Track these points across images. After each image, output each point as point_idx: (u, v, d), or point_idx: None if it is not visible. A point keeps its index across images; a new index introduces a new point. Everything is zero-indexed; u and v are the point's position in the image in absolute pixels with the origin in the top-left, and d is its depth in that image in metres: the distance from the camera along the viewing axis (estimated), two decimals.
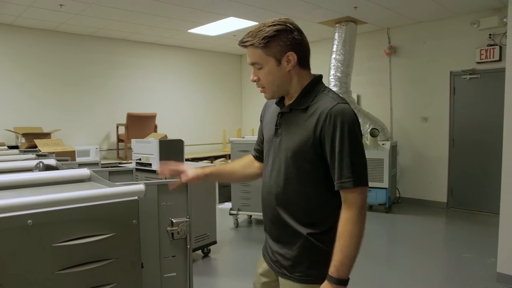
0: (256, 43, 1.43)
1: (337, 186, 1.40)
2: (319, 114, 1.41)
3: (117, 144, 7.44)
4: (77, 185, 1.72)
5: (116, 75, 7.68)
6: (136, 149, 4.02)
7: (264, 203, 1.63)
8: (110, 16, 6.20)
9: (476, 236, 5.15)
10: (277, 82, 1.49)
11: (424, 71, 6.71)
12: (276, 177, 1.53)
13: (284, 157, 1.50)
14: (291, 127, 1.50)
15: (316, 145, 1.41)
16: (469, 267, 4.05)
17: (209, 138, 9.40)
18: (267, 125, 1.66)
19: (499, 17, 5.86)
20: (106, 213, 1.33)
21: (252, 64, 1.49)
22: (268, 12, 6.06)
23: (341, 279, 1.35)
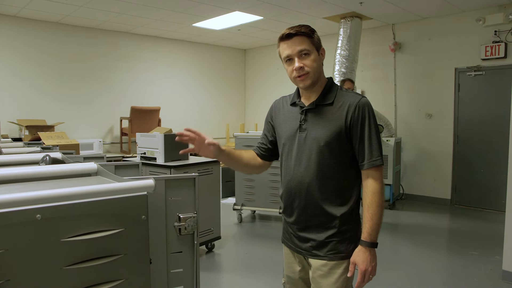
0: (305, 32, 1.64)
1: (369, 164, 1.63)
2: (348, 106, 1.65)
3: (121, 137, 7.43)
4: (84, 179, 1.70)
5: (120, 68, 7.67)
6: (141, 143, 4.01)
7: (292, 194, 1.74)
8: (115, 9, 6.17)
9: (481, 233, 5.14)
10: (318, 69, 1.69)
11: (429, 67, 6.67)
12: (307, 166, 1.69)
13: (315, 147, 1.67)
14: (319, 120, 1.69)
15: (347, 132, 1.65)
16: (474, 265, 4.04)
17: (212, 132, 9.38)
18: (283, 125, 1.80)
19: (505, 13, 5.81)
20: (115, 208, 1.32)
21: (300, 51, 1.63)
22: (273, 6, 6.03)
23: (373, 242, 1.61)
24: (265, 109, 8.07)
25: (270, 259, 4.12)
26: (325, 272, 1.70)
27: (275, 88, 9.18)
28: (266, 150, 1.92)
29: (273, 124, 1.87)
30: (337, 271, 1.68)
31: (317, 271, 1.72)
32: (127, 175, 2.31)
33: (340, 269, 1.68)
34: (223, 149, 1.82)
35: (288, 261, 1.88)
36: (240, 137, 5.53)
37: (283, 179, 1.81)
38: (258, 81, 9.75)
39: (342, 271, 1.68)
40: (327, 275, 1.69)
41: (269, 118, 1.91)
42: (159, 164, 3.87)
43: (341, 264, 1.68)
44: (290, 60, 1.67)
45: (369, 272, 1.61)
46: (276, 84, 9.18)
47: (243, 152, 1.96)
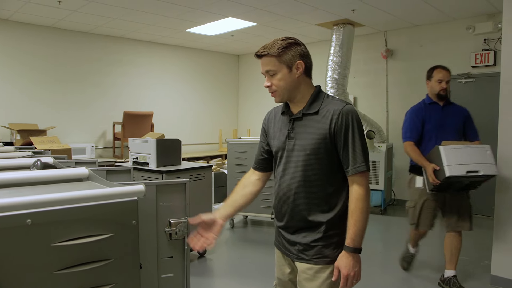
0: (271, 53, 1.69)
1: (353, 171, 1.67)
2: (332, 114, 1.69)
3: (113, 142, 7.42)
4: (75, 185, 1.71)
5: (113, 73, 7.67)
6: (133, 148, 4.01)
7: (281, 200, 1.80)
8: (108, 14, 6.18)
9: (470, 238, 5.16)
10: (288, 86, 1.73)
11: (420, 74, 6.68)
12: (294, 173, 1.74)
13: (302, 155, 1.72)
14: (305, 128, 1.74)
15: (331, 139, 1.69)
16: (463, 270, 4.07)
17: (205, 138, 9.40)
18: (275, 134, 1.86)
19: (494, 22, 5.91)
20: (105, 213, 1.33)
21: (267, 71, 1.73)
22: (266, 13, 6.07)
23: (356, 248, 1.65)
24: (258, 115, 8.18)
25: (262, 264, 4.12)
26: (310, 275, 1.73)
27: (268, 94, 9.13)
28: (262, 161, 1.96)
29: (267, 135, 1.93)
30: (322, 275, 1.72)
31: (302, 274, 1.76)
32: (119, 180, 2.32)
33: (325, 273, 1.71)
34: (226, 214, 1.87)
35: (279, 263, 1.93)
36: (232, 143, 5.53)
37: (274, 186, 1.86)
38: (251, 87, 9.78)
39: (327, 276, 1.71)
40: (312, 279, 1.73)
41: (263, 129, 1.98)
42: (151, 169, 3.87)
43: (326, 269, 1.71)
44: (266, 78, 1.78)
45: (351, 277, 1.65)
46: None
47: (234, 195, 1.96)
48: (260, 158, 1.97)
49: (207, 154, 8.74)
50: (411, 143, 3.47)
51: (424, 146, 3.47)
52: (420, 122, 3.50)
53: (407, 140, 3.51)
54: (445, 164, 3.11)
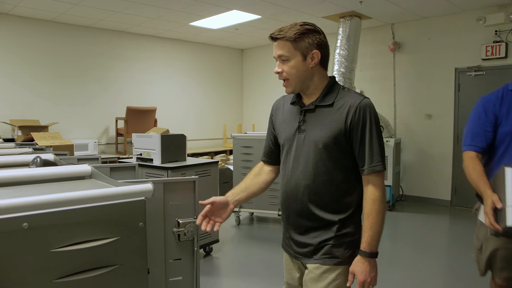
0: (287, 37, 1.56)
1: (369, 170, 1.56)
2: (348, 107, 1.57)
3: (116, 138, 7.31)
4: (77, 183, 1.60)
5: (115, 67, 7.55)
6: (137, 143, 3.90)
7: (288, 197, 1.68)
8: (110, 7, 6.05)
9: None
10: (300, 75, 1.60)
11: (429, 67, 6.61)
12: (304, 169, 1.62)
13: (313, 149, 1.60)
14: (317, 121, 1.61)
15: (346, 135, 1.57)
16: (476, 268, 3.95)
17: (209, 133, 9.28)
18: (283, 125, 1.74)
19: (506, 13, 5.75)
20: (110, 215, 1.22)
21: (279, 56, 1.59)
22: (272, 5, 5.94)
23: (373, 252, 1.54)
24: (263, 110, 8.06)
25: (269, 263, 4.02)
26: (316, 275, 1.62)
27: (273, 88, 9.07)
28: (271, 154, 1.85)
29: (274, 125, 1.81)
30: (329, 276, 1.60)
31: (309, 274, 1.65)
32: (123, 177, 2.21)
33: (332, 274, 1.60)
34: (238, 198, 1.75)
35: (288, 267, 1.80)
36: (238, 138, 5.42)
37: (281, 181, 1.74)
38: (255, 81, 9.65)
39: (334, 277, 1.60)
40: (318, 279, 1.61)
41: (271, 120, 1.85)
42: (155, 165, 3.76)
43: (335, 270, 1.60)
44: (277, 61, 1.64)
45: (368, 283, 1.55)
46: (274, 84, 9.07)
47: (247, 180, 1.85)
48: (268, 150, 1.86)
49: (211, 149, 8.63)
50: (473, 155, 2.20)
51: (495, 163, 2.20)
52: (491, 121, 2.22)
53: (466, 149, 2.23)
54: (509, 204, 1.85)
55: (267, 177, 1.84)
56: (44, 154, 2.16)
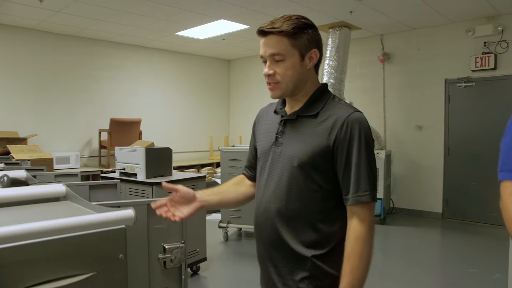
0: (284, 31, 1.28)
1: (352, 200, 1.27)
2: (334, 121, 1.30)
3: (99, 151, 7.06)
4: (49, 207, 1.41)
5: (99, 78, 7.32)
6: (120, 157, 3.70)
7: (259, 223, 1.42)
8: (94, 15, 5.86)
9: (476, 248, 4.96)
10: (295, 79, 1.34)
11: (419, 78, 6.56)
12: (276, 189, 1.36)
13: (287, 167, 1.34)
14: (297, 134, 1.36)
15: (328, 153, 1.30)
16: (475, 284, 3.83)
17: (195, 145, 9.09)
18: (262, 136, 1.50)
19: (494, 25, 5.75)
20: (85, 247, 1.04)
21: (272, 55, 1.31)
22: (261, 14, 5.82)
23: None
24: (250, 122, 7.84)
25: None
26: None
27: (260, 100, 8.94)
28: (252, 168, 1.59)
29: (255, 136, 1.57)
30: None
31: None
32: (104, 196, 2.02)
33: None
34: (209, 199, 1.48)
35: None
36: (226, 151, 5.25)
37: (254, 202, 1.49)
38: (242, 92, 9.52)
39: None
40: None
41: (253, 129, 1.61)
42: (140, 180, 3.56)
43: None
44: (265, 63, 1.35)
45: None
46: (261, 96, 8.95)
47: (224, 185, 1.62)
48: (249, 164, 1.61)
49: (197, 162, 8.43)
50: None
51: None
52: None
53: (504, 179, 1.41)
54: None
55: (247, 190, 1.59)
56: (15, 171, 1.97)
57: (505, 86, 5.77)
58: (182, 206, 1.40)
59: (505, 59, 5.74)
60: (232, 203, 1.59)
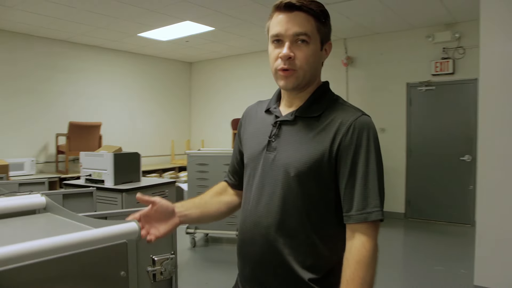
0: (314, 10, 1.14)
1: (357, 218, 1.10)
2: (338, 125, 1.14)
3: (56, 156, 6.70)
4: (31, 219, 1.27)
5: (55, 80, 6.95)
6: (86, 163, 3.51)
7: (245, 240, 1.25)
8: (51, 13, 5.53)
9: (439, 246, 5.12)
10: (313, 69, 1.18)
11: (381, 82, 6.71)
12: (269, 203, 1.18)
13: (282, 177, 1.16)
14: (294, 139, 1.18)
15: (331, 162, 1.13)
16: (442, 280, 3.94)
17: (156, 150, 8.85)
18: (251, 139, 1.31)
19: (452, 32, 5.99)
20: (85, 265, 0.93)
21: (297, 34, 1.13)
22: (227, 17, 5.76)
23: None
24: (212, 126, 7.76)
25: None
26: None
27: (222, 103, 8.88)
28: (235, 175, 1.42)
29: (241, 138, 1.38)
30: None
31: None
32: (80, 206, 1.88)
33: None
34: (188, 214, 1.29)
35: None
36: (192, 155, 5.12)
37: (240, 215, 1.32)
38: (204, 96, 9.39)
39: None
40: None
41: (238, 130, 1.42)
42: (108, 187, 3.39)
43: None
44: (278, 42, 1.16)
45: None
46: (224, 99, 8.89)
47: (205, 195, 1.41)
48: (232, 170, 1.44)
49: (159, 167, 8.20)
50: None
51: None
52: None
53: None
54: None
55: (231, 199, 1.42)
56: None
57: (462, 90, 6.02)
58: (158, 223, 1.19)
59: (462, 64, 5.98)
60: (214, 216, 1.38)
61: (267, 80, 8.10)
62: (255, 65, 8.28)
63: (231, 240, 5.32)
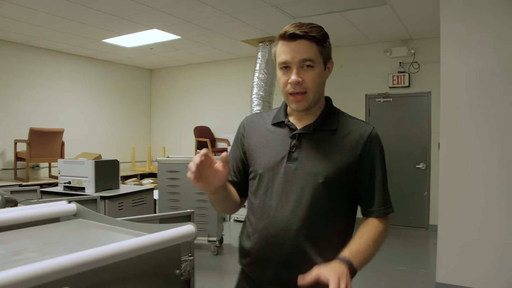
0: (316, 37, 1.27)
1: (379, 213, 1.34)
2: (357, 137, 1.33)
3: (15, 163, 6.44)
4: (62, 226, 1.33)
5: (12, 83, 6.68)
6: (65, 170, 3.46)
7: (270, 243, 1.32)
8: (12, 15, 5.34)
9: (399, 248, 5.43)
10: (320, 89, 1.34)
11: (341, 93, 7.00)
12: (296, 209, 1.29)
13: (310, 184, 1.29)
14: (316, 150, 1.32)
15: (352, 169, 1.32)
16: (405, 280, 4.22)
17: (116, 157, 8.60)
18: (262, 150, 1.40)
19: (408, 47, 6.42)
20: (147, 266, 1.02)
21: (303, 60, 1.26)
22: (194, 26, 5.84)
23: (353, 267, 1.20)
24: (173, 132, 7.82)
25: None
26: None
27: (183, 110, 8.91)
28: (239, 185, 1.48)
29: (245, 149, 1.45)
30: None
31: None
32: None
33: None
34: (225, 187, 1.36)
35: None
36: (163, 162, 5.13)
37: (254, 222, 1.38)
38: (165, 103, 9.35)
39: None
40: None
41: (239, 141, 1.48)
42: (87, 195, 3.37)
43: None
44: (286, 68, 1.30)
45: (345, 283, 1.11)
46: (185, 106, 8.92)
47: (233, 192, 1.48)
48: (232, 180, 1.47)
49: (121, 174, 8.02)
50: None
51: None
52: None
53: None
54: None
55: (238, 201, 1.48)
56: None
57: (417, 102, 6.46)
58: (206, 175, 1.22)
59: (417, 78, 6.42)
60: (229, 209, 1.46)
61: (230, 89, 8.24)
62: (218, 74, 8.38)
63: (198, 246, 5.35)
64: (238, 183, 1.48)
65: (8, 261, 0.91)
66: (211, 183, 1.23)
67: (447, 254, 3.74)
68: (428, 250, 5.31)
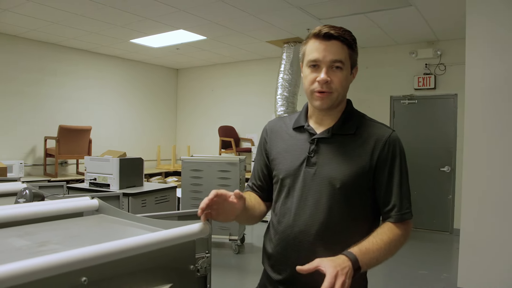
0: (348, 39, 1.31)
1: (397, 217, 1.31)
2: (375, 141, 1.33)
3: (45, 159, 6.67)
4: (85, 220, 1.39)
5: (45, 83, 6.92)
6: (91, 167, 3.58)
7: (289, 246, 1.36)
8: (47, 17, 5.55)
9: (420, 252, 5.36)
10: (345, 91, 1.36)
11: (366, 94, 6.97)
12: (314, 213, 1.32)
13: (328, 189, 1.31)
14: (335, 154, 1.33)
15: (369, 174, 1.32)
16: (427, 284, 4.16)
17: (143, 155, 8.80)
18: (283, 155, 1.42)
19: (434, 49, 6.31)
20: (163, 260, 1.06)
21: (334, 61, 1.29)
22: (220, 27, 5.91)
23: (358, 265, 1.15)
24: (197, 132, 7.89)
25: None
26: None
27: (208, 110, 9.00)
28: (260, 189, 1.52)
29: (268, 153, 1.48)
30: None
31: None
32: None
33: None
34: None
35: None
36: (187, 161, 5.21)
37: (276, 224, 1.42)
38: (190, 102, 9.48)
39: None
40: None
41: (263, 146, 1.52)
42: (112, 191, 3.47)
43: None
44: (315, 67, 1.31)
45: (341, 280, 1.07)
46: (209, 106, 9.01)
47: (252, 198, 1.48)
48: (257, 184, 1.52)
49: (146, 172, 8.20)
50: None
51: None
52: None
53: None
54: None
55: (264, 209, 1.50)
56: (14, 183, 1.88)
57: (443, 104, 6.34)
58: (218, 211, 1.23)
59: (443, 80, 6.30)
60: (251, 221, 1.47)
61: (253, 89, 8.30)
62: (243, 74, 8.44)
63: (220, 244, 5.41)
64: (263, 188, 1.51)
65: (33, 251, 0.98)
66: (229, 215, 1.26)
67: (469, 258, 3.67)
68: (451, 255, 5.21)
